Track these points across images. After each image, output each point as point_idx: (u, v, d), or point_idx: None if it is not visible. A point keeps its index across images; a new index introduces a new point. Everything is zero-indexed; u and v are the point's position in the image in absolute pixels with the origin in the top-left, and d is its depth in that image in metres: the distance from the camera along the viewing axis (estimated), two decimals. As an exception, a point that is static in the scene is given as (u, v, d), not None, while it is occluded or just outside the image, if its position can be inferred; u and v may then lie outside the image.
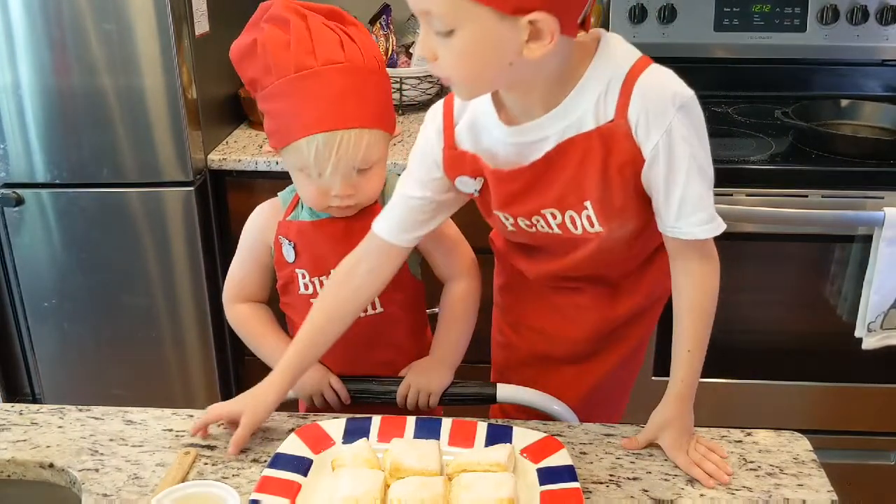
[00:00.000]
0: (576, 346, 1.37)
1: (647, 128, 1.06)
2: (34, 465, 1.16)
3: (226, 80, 2.29)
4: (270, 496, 1.05)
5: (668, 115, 1.05)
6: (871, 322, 1.99)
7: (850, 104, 2.26)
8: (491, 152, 1.16)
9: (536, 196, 1.16)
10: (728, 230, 1.13)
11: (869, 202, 1.94)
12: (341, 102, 1.23)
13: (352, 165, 1.25)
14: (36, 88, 2.03)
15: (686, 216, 1.10)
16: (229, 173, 2.16)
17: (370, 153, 1.26)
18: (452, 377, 1.39)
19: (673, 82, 1.08)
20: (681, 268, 1.15)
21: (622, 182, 1.11)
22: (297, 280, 1.38)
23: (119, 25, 1.97)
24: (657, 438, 1.17)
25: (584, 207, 1.15)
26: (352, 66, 1.24)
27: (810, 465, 1.15)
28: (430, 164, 1.21)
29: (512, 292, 1.42)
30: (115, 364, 2.27)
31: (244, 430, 1.17)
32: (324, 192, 1.28)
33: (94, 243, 2.16)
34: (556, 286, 1.34)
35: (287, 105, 1.24)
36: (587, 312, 1.34)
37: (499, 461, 1.09)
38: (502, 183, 1.16)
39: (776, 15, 2.43)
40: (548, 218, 1.18)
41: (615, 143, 1.08)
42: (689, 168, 1.08)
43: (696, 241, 1.12)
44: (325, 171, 1.25)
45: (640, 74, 1.07)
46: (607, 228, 1.16)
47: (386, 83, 1.31)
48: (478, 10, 0.95)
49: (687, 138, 1.07)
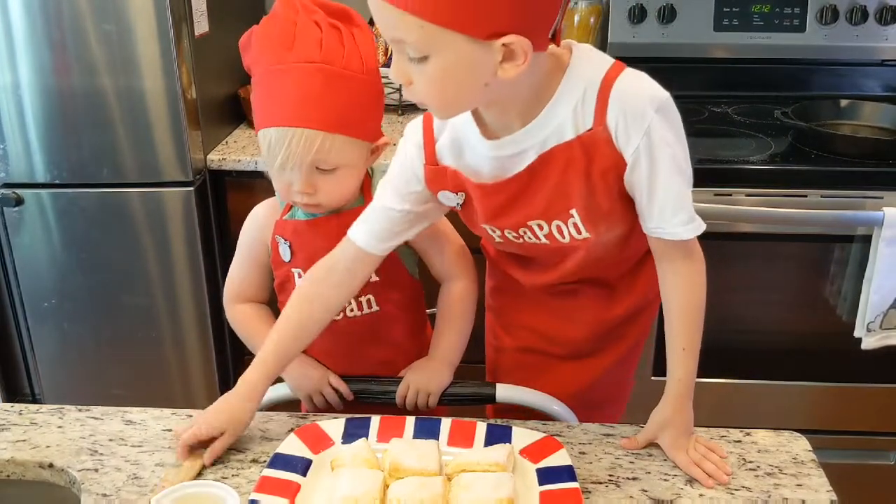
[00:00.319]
0: (573, 347, 1.37)
1: (627, 132, 1.06)
2: (34, 465, 1.16)
3: (225, 80, 2.29)
4: (270, 496, 1.05)
5: (647, 117, 1.06)
6: (870, 322, 1.99)
7: (849, 104, 2.26)
8: (473, 168, 1.16)
9: (521, 208, 1.16)
10: (727, 230, 1.14)
11: (868, 202, 1.94)
12: (301, 102, 1.22)
13: (303, 163, 1.25)
14: (36, 88, 2.03)
15: (669, 217, 1.11)
16: (229, 173, 2.16)
17: (327, 156, 1.24)
18: (452, 377, 1.39)
19: (648, 85, 1.08)
20: (668, 269, 1.16)
21: (606, 187, 1.12)
22: (294, 279, 1.38)
23: (119, 26, 1.97)
24: (657, 438, 1.17)
25: (570, 215, 1.15)
26: (325, 68, 1.22)
27: (809, 465, 1.15)
28: (410, 177, 1.21)
29: (504, 294, 1.42)
30: (114, 364, 2.27)
31: (222, 444, 1.16)
32: (286, 186, 1.30)
33: (94, 243, 2.16)
34: (549, 292, 1.34)
35: (258, 96, 1.27)
36: (584, 313, 1.34)
37: (498, 461, 1.09)
38: (487, 197, 1.16)
39: (776, 15, 2.44)
40: (534, 229, 1.18)
41: (596, 150, 1.08)
42: (669, 169, 1.08)
43: (680, 242, 1.13)
44: (273, 165, 1.26)
45: (615, 80, 1.07)
46: (595, 233, 1.17)
47: (369, 89, 1.27)
48: (451, 36, 0.94)
49: (666, 139, 1.07)
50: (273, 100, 1.24)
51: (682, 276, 1.15)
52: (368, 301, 1.37)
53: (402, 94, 2.33)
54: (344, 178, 1.29)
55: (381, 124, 1.34)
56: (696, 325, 1.16)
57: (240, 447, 1.19)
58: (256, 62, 1.26)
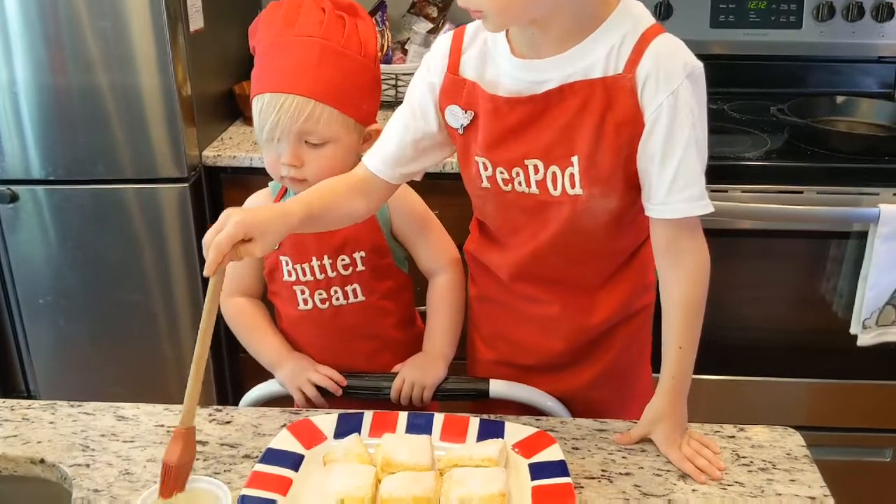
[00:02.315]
0: (550, 358, 1.34)
1: (655, 87, 1.07)
2: (25, 461, 1.16)
3: (221, 76, 2.29)
4: (261, 491, 1.05)
5: (677, 79, 1.07)
6: (866, 319, 1.99)
7: (845, 101, 2.27)
8: (494, 83, 1.16)
9: (525, 140, 1.15)
10: (723, 227, 1.14)
11: (864, 198, 1.94)
12: (297, 70, 1.27)
13: (291, 131, 1.27)
14: (31, 85, 2.02)
15: (678, 190, 1.10)
16: (224, 170, 2.16)
17: (315, 126, 1.27)
18: (447, 371, 1.39)
19: (686, 52, 1.10)
20: (670, 261, 1.15)
21: (615, 143, 1.11)
22: (282, 267, 1.39)
23: (114, 22, 1.97)
24: (650, 434, 1.17)
25: (570, 163, 1.14)
26: (322, 43, 1.28)
27: (803, 461, 1.14)
28: (425, 91, 1.22)
29: (484, 303, 1.39)
30: (110, 361, 2.27)
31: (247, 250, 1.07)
32: (275, 159, 1.32)
33: (89, 239, 2.16)
34: (529, 296, 1.30)
35: (256, 69, 1.31)
36: (560, 324, 1.30)
37: (490, 456, 1.08)
38: (496, 116, 1.16)
39: (772, 12, 2.43)
40: (529, 171, 1.17)
41: (618, 97, 1.09)
42: (688, 139, 1.08)
43: (686, 230, 1.12)
44: (264, 130, 1.28)
45: (657, 36, 1.09)
46: (587, 194, 1.15)
47: (365, 72, 1.32)
48: None
49: (691, 106, 1.08)
50: (270, 69, 1.28)
51: (683, 270, 1.14)
52: (354, 290, 1.38)
53: (397, 90, 2.33)
54: (332, 156, 1.31)
55: (376, 111, 1.37)
56: (694, 322, 1.15)
57: (232, 443, 1.19)
58: (259, 41, 1.31)
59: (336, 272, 1.37)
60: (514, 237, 1.27)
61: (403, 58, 2.45)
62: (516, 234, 1.26)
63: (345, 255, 1.37)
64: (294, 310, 1.41)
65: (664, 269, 1.16)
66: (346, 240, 1.36)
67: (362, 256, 1.37)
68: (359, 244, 1.36)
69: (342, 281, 1.38)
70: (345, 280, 1.38)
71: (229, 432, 1.21)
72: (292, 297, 1.40)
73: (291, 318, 1.43)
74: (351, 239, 1.36)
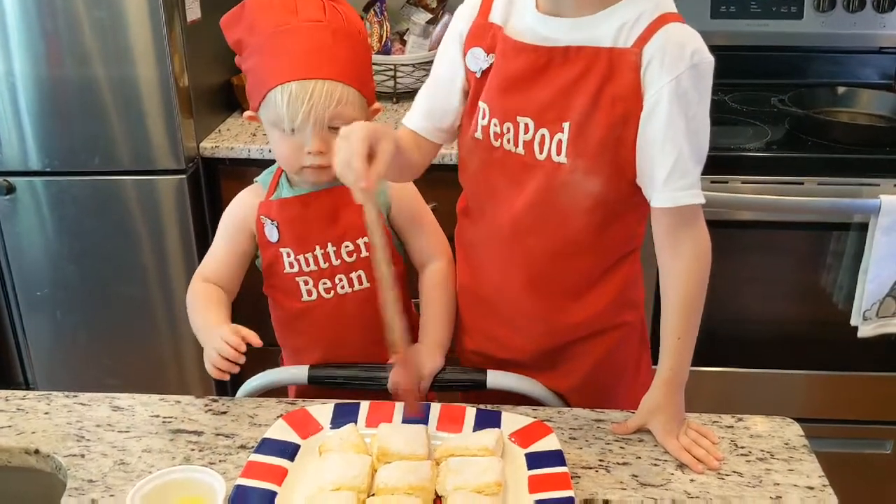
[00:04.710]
0: (522, 357, 1.33)
1: (659, 69, 1.07)
2: (19, 452, 1.16)
3: (218, 67, 2.28)
4: (256, 481, 1.04)
5: (682, 65, 1.07)
6: (866, 310, 1.98)
7: (846, 92, 2.25)
8: (515, 30, 1.19)
9: (524, 93, 1.17)
10: (724, 218, 1.14)
11: (865, 189, 1.93)
12: (317, 54, 1.27)
13: (324, 117, 1.26)
14: (28, 76, 2.02)
15: (675, 179, 1.10)
16: (222, 161, 2.15)
17: (343, 110, 1.27)
18: (444, 360, 1.38)
19: (699, 43, 1.10)
20: (670, 251, 1.14)
21: (609, 116, 1.11)
22: (283, 259, 1.38)
23: (111, 13, 1.96)
24: (647, 424, 1.17)
25: (560, 129, 1.15)
26: (331, 26, 1.28)
27: (801, 451, 1.14)
28: (454, 40, 1.25)
29: (467, 294, 1.38)
30: (108, 353, 2.26)
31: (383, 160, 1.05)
32: (297, 149, 1.29)
33: (87, 231, 2.15)
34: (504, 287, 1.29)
35: (265, 59, 1.29)
36: (533, 323, 1.29)
37: (487, 446, 1.08)
38: (509, 57, 1.18)
39: (773, 2, 2.42)
40: (519, 129, 1.18)
41: (620, 70, 1.10)
42: (687, 128, 1.09)
43: (683, 220, 1.12)
44: (296, 119, 1.26)
45: (672, 22, 1.09)
46: (571, 164, 1.15)
47: (367, 53, 1.36)
48: None
49: (691, 96, 1.08)
50: (285, 58, 1.27)
51: (682, 261, 1.14)
52: (360, 277, 1.38)
53: (396, 81, 2.32)
54: None
55: (375, 90, 1.40)
56: (693, 314, 1.15)
57: (227, 433, 1.18)
58: (253, 31, 1.29)
59: (340, 259, 1.37)
60: (490, 202, 1.26)
61: (402, 49, 2.44)
62: (493, 198, 1.26)
63: (348, 241, 1.36)
64: (296, 302, 1.40)
65: (664, 260, 1.16)
66: (348, 227, 1.35)
67: (366, 241, 1.36)
68: (362, 230, 1.35)
69: (347, 268, 1.37)
70: (349, 267, 1.37)
71: (225, 422, 1.21)
72: (294, 289, 1.39)
73: (292, 311, 1.42)
74: (353, 225, 1.35)
